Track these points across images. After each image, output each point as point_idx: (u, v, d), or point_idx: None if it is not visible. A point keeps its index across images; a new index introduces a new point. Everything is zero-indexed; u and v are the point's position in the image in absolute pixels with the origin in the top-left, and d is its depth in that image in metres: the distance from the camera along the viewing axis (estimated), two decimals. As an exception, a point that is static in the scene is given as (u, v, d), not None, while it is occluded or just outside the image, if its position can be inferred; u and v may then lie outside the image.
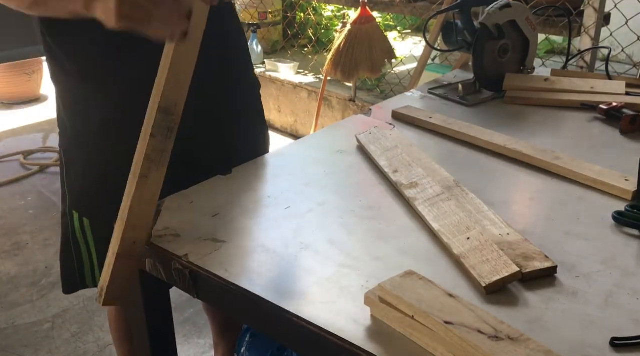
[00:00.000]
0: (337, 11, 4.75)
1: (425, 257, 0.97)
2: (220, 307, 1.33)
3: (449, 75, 1.90)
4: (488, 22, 1.63)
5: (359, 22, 3.12)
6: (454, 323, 0.76)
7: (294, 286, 0.91)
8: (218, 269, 0.94)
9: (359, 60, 3.18)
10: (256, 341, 1.45)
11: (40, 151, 3.66)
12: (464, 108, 1.61)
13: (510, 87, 1.65)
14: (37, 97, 4.47)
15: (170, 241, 1.01)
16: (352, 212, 1.10)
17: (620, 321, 0.82)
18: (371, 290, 0.85)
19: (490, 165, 1.29)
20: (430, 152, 1.30)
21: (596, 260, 0.96)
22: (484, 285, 0.87)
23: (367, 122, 1.50)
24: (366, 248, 1.00)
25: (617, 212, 1.05)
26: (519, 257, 0.93)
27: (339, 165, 1.25)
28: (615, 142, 1.39)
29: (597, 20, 2.39)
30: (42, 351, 2.10)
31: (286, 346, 1.32)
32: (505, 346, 0.73)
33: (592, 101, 1.54)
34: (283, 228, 1.08)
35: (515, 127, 1.46)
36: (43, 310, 2.28)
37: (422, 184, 1.14)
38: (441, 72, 2.99)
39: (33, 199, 3.13)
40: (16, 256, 2.63)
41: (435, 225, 1.02)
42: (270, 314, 0.87)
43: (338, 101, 3.66)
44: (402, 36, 5.02)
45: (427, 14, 2.91)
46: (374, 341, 0.79)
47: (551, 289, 0.89)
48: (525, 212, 1.14)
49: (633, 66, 3.48)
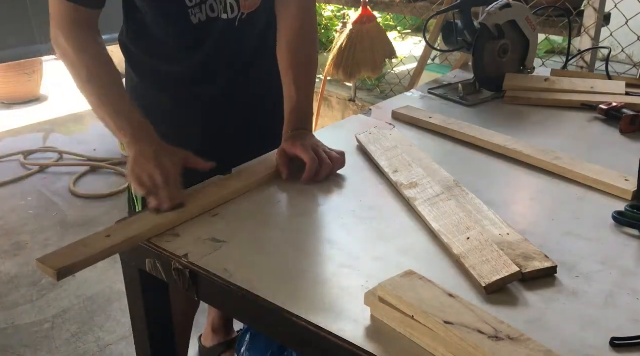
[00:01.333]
0: (337, 11, 4.75)
1: (425, 257, 0.97)
2: (220, 307, 1.33)
3: (449, 75, 1.90)
4: (488, 22, 1.63)
5: (360, 21, 3.12)
6: (454, 323, 0.76)
7: (294, 286, 0.91)
8: (218, 269, 0.94)
9: (360, 60, 3.18)
10: (256, 341, 1.45)
11: (40, 151, 3.66)
12: (464, 108, 1.61)
13: (510, 87, 1.65)
14: (37, 97, 4.47)
15: (170, 241, 1.01)
16: (352, 212, 1.10)
17: (620, 321, 0.82)
18: (371, 290, 0.85)
19: (490, 165, 1.29)
20: (430, 152, 1.30)
21: (596, 260, 0.96)
22: (484, 285, 0.87)
23: (367, 122, 1.50)
24: (366, 248, 1.00)
25: (617, 212, 1.05)
26: (519, 257, 0.93)
27: (339, 165, 1.25)
28: (615, 142, 1.39)
29: (597, 20, 2.39)
30: (42, 351, 2.10)
31: (286, 346, 1.32)
32: (505, 346, 0.73)
33: (592, 101, 1.54)
34: (283, 228, 1.08)
35: (515, 127, 1.46)
36: (43, 310, 2.28)
37: (422, 184, 1.14)
38: (441, 72, 2.99)
39: (33, 199, 3.13)
40: (16, 256, 2.63)
41: (435, 225, 1.02)
42: (270, 314, 0.87)
43: (338, 101, 3.66)
44: (402, 36, 5.01)
45: (427, 14, 2.91)
46: (374, 341, 0.79)
47: (551, 289, 0.89)
48: (525, 212, 1.14)
49: (633, 66, 3.48)
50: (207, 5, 1.26)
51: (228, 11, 1.28)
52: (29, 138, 3.86)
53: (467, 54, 1.82)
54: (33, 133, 3.93)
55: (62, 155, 3.59)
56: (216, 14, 1.27)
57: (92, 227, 2.79)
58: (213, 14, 1.27)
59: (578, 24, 2.44)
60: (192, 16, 1.25)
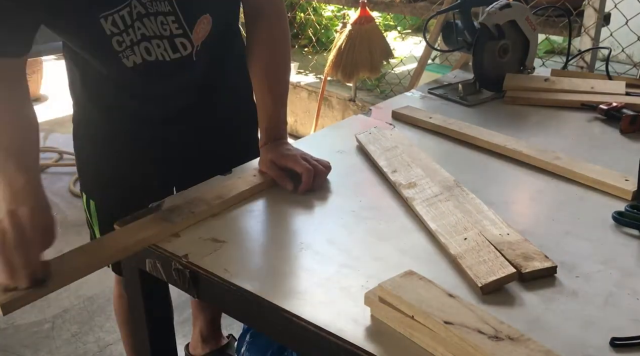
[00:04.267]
0: (337, 11, 4.74)
1: (425, 257, 0.97)
2: (220, 307, 1.33)
3: (449, 75, 1.90)
4: (488, 22, 1.63)
5: (359, 22, 3.12)
6: (454, 323, 0.76)
7: (294, 286, 0.91)
8: (218, 269, 0.94)
9: (359, 61, 3.18)
10: (256, 341, 1.45)
11: (40, 151, 3.66)
12: (464, 108, 1.61)
13: (510, 87, 1.65)
14: (37, 97, 4.46)
15: (170, 241, 1.01)
16: (352, 212, 1.10)
17: (620, 321, 0.82)
18: (371, 290, 0.85)
19: (490, 165, 1.29)
20: (430, 152, 1.30)
21: (596, 260, 0.96)
22: (480, 285, 0.87)
23: (367, 122, 1.50)
24: (366, 248, 1.00)
25: (617, 212, 1.05)
26: (519, 256, 0.93)
27: (339, 165, 1.25)
28: (615, 142, 1.39)
29: (597, 20, 2.39)
30: (42, 351, 2.10)
31: (286, 346, 1.32)
32: (505, 346, 0.73)
33: (592, 101, 1.54)
34: (283, 228, 1.08)
35: (515, 127, 1.46)
36: (43, 310, 2.28)
37: (420, 184, 1.14)
38: (441, 72, 2.99)
39: (33, 199, 3.13)
40: (16, 256, 2.63)
41: (433, 225, 1.02)
42: (270, 314, 0.87)
43: (338, 101, 3.66)
44: (402, 36, 5.01)
45: (427, 14, 2.91)
46: (374, 341, 0.79)
47: (551, 289, 0.89)
48: (525, 212, 1.14)
49: (633, 66, 3.48)
50: (141, 48, 1.14)
51: (180, 50, 1.17)
52: (29, 138, 3.86)
53: (467, 54, 1.82)
54: (33, 133, 3.93)
55: (62, 155, 3.59)
56: (154, 57, 1.16)
57: (92, 227, 2.79)
58: (150, 57, 1.16)
59: (578, 24, 2.44)
60: (124, 59, 1.14)
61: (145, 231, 1.01)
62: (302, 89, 3.83)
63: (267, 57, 1.28)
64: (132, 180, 1.36)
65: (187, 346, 1.91)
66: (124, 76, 1.20)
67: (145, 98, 1.30)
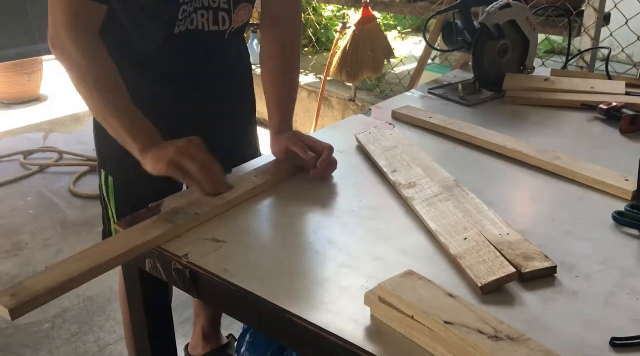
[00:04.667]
0: (337, 11, 4.74)
1: (425, 257, 0.97)
2: (220, 307, 1.33)
3: (449, 75, 1.90)
4: (488, 22, 1.63)
5: (362, 22, 3.12)
6: (454, 323, 0.76)
7: (294, 286, 0.91)
8: (218, 269, 0.94)
9: (363, 61, 3.18)
10: (256, 341, 1.45)
11: (40, 151, 3.65)
12: (464, 108, 1.61)
13: (510, 87, 1.65)
14: (37, 97, 4.46)
15: (170, 241, 1.01)
16: (352, 212, 1.10)
17: (620, 321, 0.82)
18: (371, 290, 0.85)
19: (490, 165, 1.29)
20: (430, 152, 1.30)
21: (596, 260, 0.96)
22: (480, 285, 0.87)
23: (367, 122, 1.50)
24: (366, 248, 1.00)
25: (617, 212, 1.06)
26: (519, 256, 0.93)
27: (339, 165, 1.25)
28: (615, 142, 1.39)
29: (597, 20, 2.39)
30: (42, 351, 2.10)
31: (286, 346, 1.32)
32: (505, 346, 0.73)
33: (592, 101, 1.54)
34: (283, 228, 1.08)
35: (515, 127, 1.46)
36: (43, 310, 2.27)
37: (420, 184, 1.14)
38: (441, 72, 2.99)
39: (33, 199, 3.13)
40: (16, 256, 2.63)
41: (432, 225, 1.02)
42: (270, 314, 0.87)
43: (338, 101, 3.66)
44: (402, 36, 5.01)
45: (427, 14, 2.91)
46: (374, 341, 0.79)
47: (551, 289, 0.89)
48: (525, 212, 1.14)
49: (633, 66, 3.48)
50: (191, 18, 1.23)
51: (220, 24, 1.27)
52: (28, 138, 3.86)
53: (467, 54, 1.82)
54: (33, 133, 3.93)
55: (62, 155, 3.59)
56: (194, 27, 1.25)
57: (92, 227, 2.79)
58: (191, 27, 1.25)
59: (578, 24, 2.44)
60: (176, 28, 1.23)
61: (151, 233, 1.01)
62: (302, 88, 3.83)
63: (287, 54, 1.37)
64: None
65: (187, 347, 1.91)
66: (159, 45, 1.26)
67: (166, 71, 1.33)
